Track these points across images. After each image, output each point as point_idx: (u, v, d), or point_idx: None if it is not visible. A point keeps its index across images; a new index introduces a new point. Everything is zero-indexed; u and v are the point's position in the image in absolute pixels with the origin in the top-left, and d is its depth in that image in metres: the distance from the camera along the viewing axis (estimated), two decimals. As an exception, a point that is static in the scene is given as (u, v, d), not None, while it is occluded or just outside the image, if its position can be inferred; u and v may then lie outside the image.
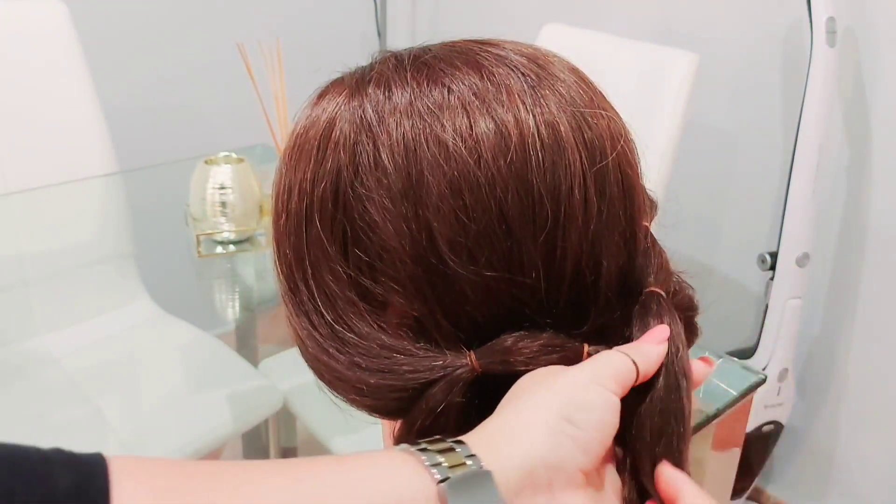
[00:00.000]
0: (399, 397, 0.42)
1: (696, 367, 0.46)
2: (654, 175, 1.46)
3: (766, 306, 1.61)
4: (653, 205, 0.53)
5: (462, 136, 0.41)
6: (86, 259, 1.64)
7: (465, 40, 0.47)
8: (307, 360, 0.46)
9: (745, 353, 1.67)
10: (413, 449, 0.37)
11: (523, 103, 0.42)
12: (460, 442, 0.37)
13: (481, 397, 0.42)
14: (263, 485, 0.34)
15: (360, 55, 0.48)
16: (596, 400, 0.39)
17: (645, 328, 0.44)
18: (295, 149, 0.45)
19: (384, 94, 0.43)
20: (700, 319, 0.51)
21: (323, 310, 0.43)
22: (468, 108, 0.41)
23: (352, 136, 0.42)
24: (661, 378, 0.43)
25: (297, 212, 0.44)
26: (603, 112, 0.44)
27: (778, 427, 1.69)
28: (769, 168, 1.69)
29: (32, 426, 1.29)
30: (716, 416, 0.87)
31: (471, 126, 0.41)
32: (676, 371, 0.44)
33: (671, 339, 0.44)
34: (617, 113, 0.46)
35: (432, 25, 2.36)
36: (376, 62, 0.46)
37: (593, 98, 0.45)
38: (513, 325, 0.43)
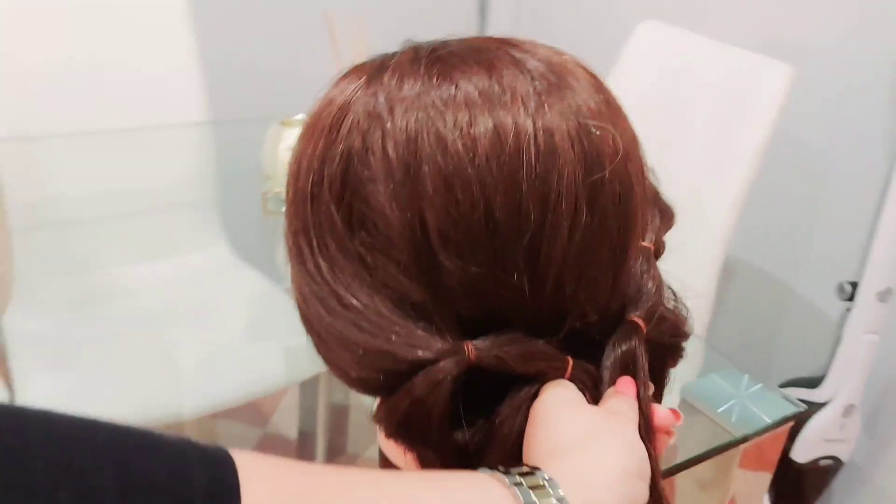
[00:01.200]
0: (391, 369, 0.43)
1: (664, 415, 0.47)
2: (734, 185, 1.42)
3: (840, 338, 1.54)
4: (670, 215, 0.53)
5: (461, 133, 0.41)
6: (172, 200, 1.72)
7: (488, 38, 0.47)
8: (307, 324, 0.47)
9: (811, 383, 1.61)
10: (508, 481, 0.39)
11: (525, 108, 0.42)
12: (550, 479, 0.39)
13: (463, 394, 0.43)
14: None
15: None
16: (646, 456, 0.43)
17: (614, 358, 0.46)
18: (310, 126, 0.47)
19: (397, 84, 0.44)
20: (771, 340, 0.51)
21: (328, 278, 0.44)
22: (471, 106, 0.42)
23: (364, 122, 0.44)
24: None
25: (304, 186, 0.46)
26: (610, 126, 0.44)
27: (837, 463, 1.63)
28: (862, 193, 1.61)
29: (102, 351, 1.37)
30: (743, 440, 0.85)
31: (470, 124, 0.42)
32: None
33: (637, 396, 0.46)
34: (631, 130, 0.46)
35: (535, 10, 2.34)
36: (399, 51, 0.47)
37: (604, 111, 0.45)
38: (499, 325, 0.43)
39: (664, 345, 0.49)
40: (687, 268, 1.45)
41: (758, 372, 1.20)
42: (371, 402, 0.47)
